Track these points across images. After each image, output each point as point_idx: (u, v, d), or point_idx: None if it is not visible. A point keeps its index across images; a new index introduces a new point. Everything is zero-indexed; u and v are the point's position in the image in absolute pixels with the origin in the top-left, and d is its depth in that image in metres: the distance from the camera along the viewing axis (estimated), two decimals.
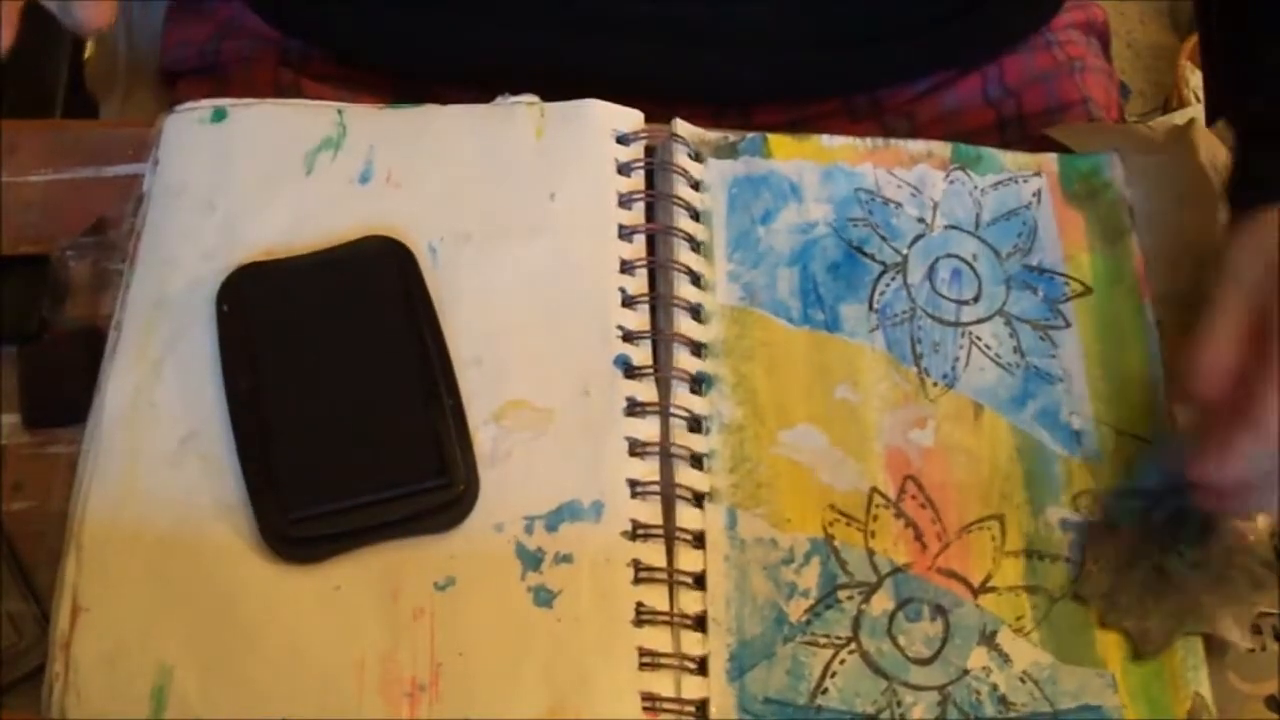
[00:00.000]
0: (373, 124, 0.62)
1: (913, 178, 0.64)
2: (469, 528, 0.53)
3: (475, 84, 0.70)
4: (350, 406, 0.54)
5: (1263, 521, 0.57)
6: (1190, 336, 0.55)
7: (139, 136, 0.62)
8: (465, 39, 0.72)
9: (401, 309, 0.57)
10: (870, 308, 0.61)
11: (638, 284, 0.59)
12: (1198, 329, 0.55)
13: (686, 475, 0.56)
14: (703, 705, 0.52)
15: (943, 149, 0.65)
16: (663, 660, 0.52)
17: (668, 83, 0.73)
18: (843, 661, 0.53)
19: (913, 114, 0.77)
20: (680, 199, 0.61)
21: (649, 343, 0.58)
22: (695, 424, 0.57)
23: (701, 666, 0.52)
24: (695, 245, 0.61)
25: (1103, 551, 0.56)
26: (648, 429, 0.56)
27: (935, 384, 0.59)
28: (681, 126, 0.63)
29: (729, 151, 0.63)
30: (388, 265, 0.57)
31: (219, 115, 0.62)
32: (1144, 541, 0.56)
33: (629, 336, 0.58)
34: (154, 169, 0.61)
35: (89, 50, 0.81)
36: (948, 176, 0.64)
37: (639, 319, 0.59)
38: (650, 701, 0.51)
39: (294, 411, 0.54)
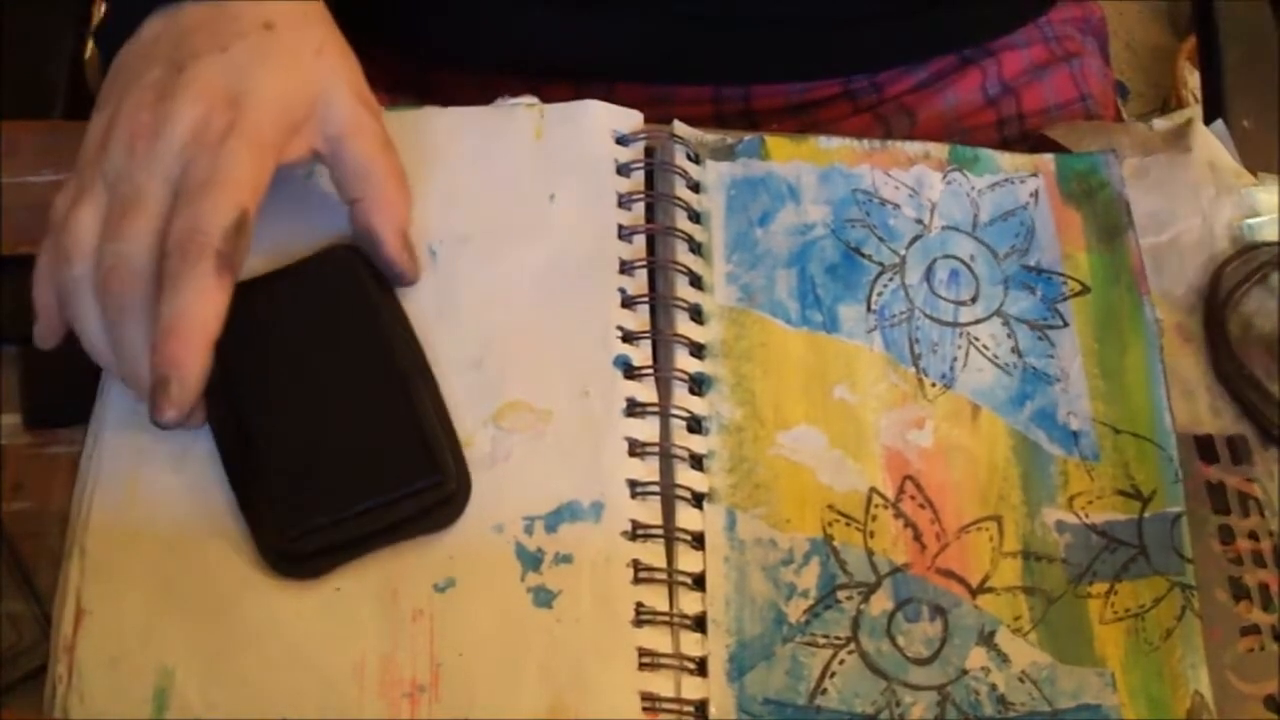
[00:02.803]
0: None
1: (910, 179, 0.64)
2: (468, 528, 0.53)
3: (474, 68, 0.70)
4: (333, 418, 0.54)
5: None
6: None
7: None
8: (466, 19, 0.72)
9: (368, 313, 0.56)
10: (868, 308, 0.61)
11: (637, 284, 0.59)
12: None
13: (686, 476, 0.56)
14: (702, 705, 0.52)
15: (940, 150, 0.65)
16: (662, 660, 0.52)
17: (667, 62, 0.73)
18: (842, 662, 0.53)
19: (913, 110, 0.77)
20: (679, 200, 0.61)
21: (648, 343, 0.58)
22: (694, 424, 0.57)
23: (701, 667, 0.53)
24: (694, 246, 0.61)
25: None
26: (647, 429, 0.56)
27: (933, 384, 0.59)
28: (680, 127, 0.63)
29: (727, 153, 0.63)
30: (348, 272, 0.57)
31: None
32: None
33: (628, 337, 0.58)
34: None
35: (89, 50, 0.81)
36: (945, 178, 0.64)
37: (638, 319, 0.59)
38: (650, 702, 0.51)
39: (277, 431, 0.54)
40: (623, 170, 0.62)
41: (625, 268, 0.59)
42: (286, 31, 0.54)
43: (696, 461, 0.56)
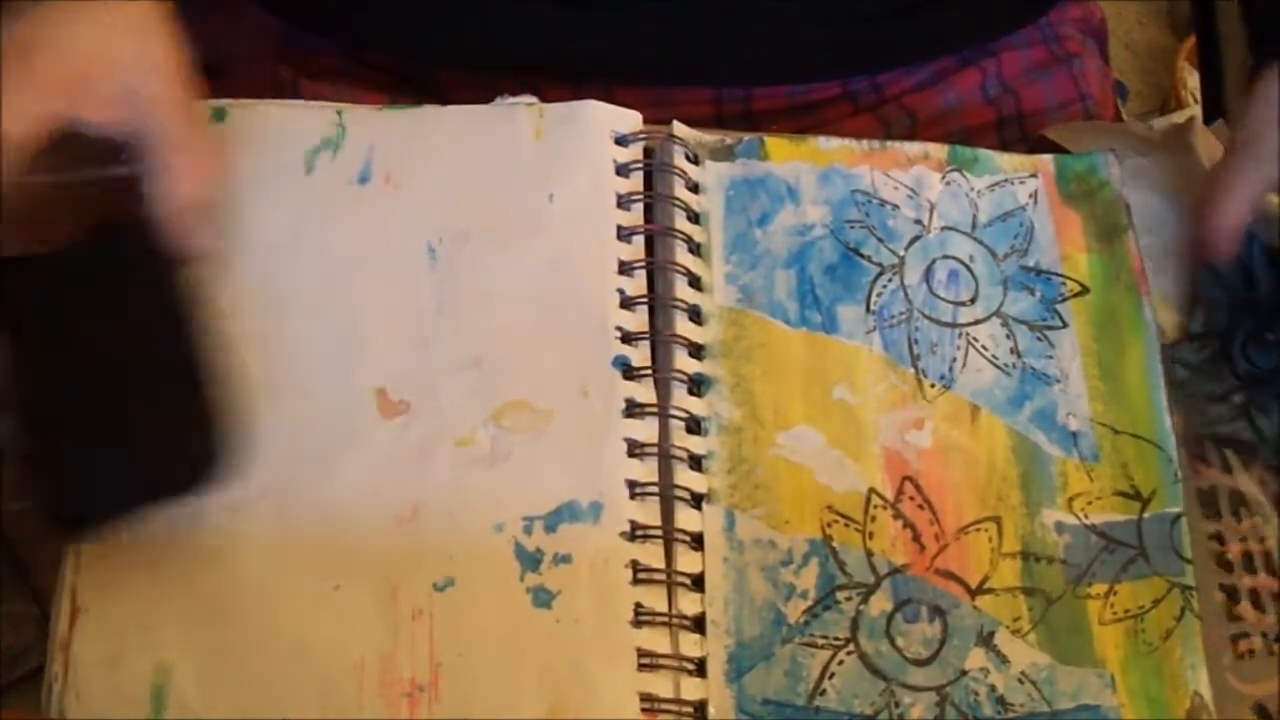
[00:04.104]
0: (372, 124, 0.62)
1: (909, 179, 0.64)
2: (468, 527, 0.53)
3: (475, 69, 0.70)
4: (106, 395, 0.53)
5: None
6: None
7: None
8: (466, 20, 0.72)
9: (150, 289, 0.55)
10: (867, 309, 0.61)
11: (636, 285, 0.59)
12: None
13: (685, 476, 0.56)
14: (701, 706, 0.52)
15: (939, 151, 0.65)
16: (661, 661, 0.52)
17: (668, 64, 0.73)
18: (841, 662, 0.53)
19: (914, 110, 0.77)
20: (679, 200, 0.61)
21: (647, 344, 0.58)
22: (694, 425, 0.57)
23: (700, 668, 0.53)
24: (693, 247, 0.61)
25: None
26: (646, 430, 0.56)
27: (932, 385, 0.59)
28: (679, 128, 0.63)
29: (726, 154, 0.63)
30: (138, 249, 0.56)
31: (219, 115, 0.62)
32: None
33: (627, 338, 0.58)
34: None
35: None
36: (944, 178, 0.64)
37: (637, 320, 0.59)
38: (649, 702, 0.51)
39: (57, 408, 0.53)
40: (622, 171, 0.62)
41: (624, 268, 0.59)
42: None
43: (695, 462, 0.56)
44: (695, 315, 0.59)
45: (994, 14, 0.78)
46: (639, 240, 0.61)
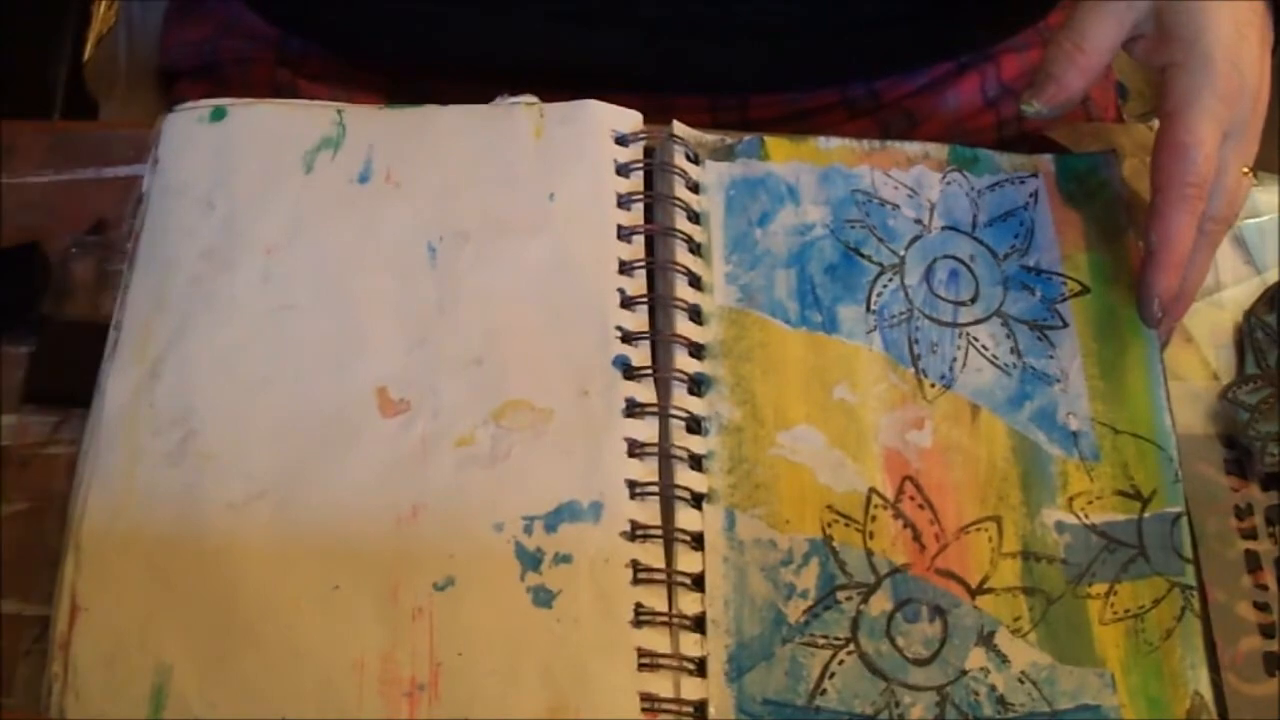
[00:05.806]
0: (372, 123, 0.62)
1: (910, 179, 0.64)
2: (469, 527, 0.53)
3: (471, 77, 0.71)
4: None
5: None
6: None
7: (139, 136, 0.63)
8: (462, 30, 0.72)
9: None
10: (868, 309, 0.61)
11: (636, 285, 0.59)
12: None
13: (685, 476, 0.56)
14: (701, 706, 0.52)
15: (939, 150, 0.65)
16: (661, 661, 0.52)
17: (664, 74, 0.73)
18: (841, 662, 0.53)
19: (913, 112, 0.77)
20: (679, 200, 0.61)
21: (648, 344, 0.58)
22: (694, 425, 0.57)
23: (700, 667, 0.53)
24: (694, 246, 0.61)
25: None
26: (646, 430, 0.56)
27: (933, 385, 0.59)
28: (679, 128, 0.63)
29: (726, 153, 0.63)
30: None
31: (218, 114, 0.62)
32: None
33: (628, 337, 0.58)
34: (154, 169, 0.61)
35: (89, 50, 0.81)
36: (944, 178, 0.64)
37: (638, 320, 0.59)
38: (649, 702, 0.51)
39: None
40: (622, 170, 0.62)
41: (624, 268, 0.59)
42: None
43: (696, 462, 0.56)
44: (695, 315, 0.59)
45: (992, 20, 0.77)
46: (639, 240, 0.61)
